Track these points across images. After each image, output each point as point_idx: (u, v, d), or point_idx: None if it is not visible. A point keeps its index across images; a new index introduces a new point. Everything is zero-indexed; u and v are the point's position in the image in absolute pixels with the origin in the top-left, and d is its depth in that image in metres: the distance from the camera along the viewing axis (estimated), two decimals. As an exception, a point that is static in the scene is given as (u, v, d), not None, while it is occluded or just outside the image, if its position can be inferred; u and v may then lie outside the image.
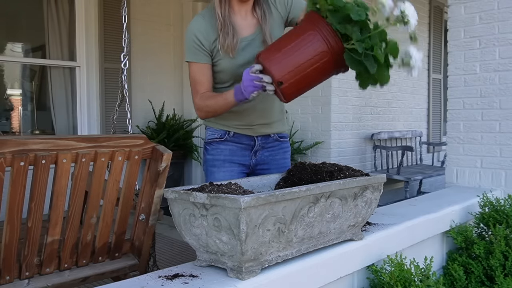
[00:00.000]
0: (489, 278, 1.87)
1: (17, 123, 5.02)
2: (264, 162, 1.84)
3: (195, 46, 1.67)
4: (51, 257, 1.52)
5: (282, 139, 1.88)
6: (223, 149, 1.79)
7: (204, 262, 1.26)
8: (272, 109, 1.82)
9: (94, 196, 1.54)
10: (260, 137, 1.81)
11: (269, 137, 1.83)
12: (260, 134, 1.81)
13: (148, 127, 4.91)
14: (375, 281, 1.54)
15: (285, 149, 1.89)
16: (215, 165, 1.80)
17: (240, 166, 1.81)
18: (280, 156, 1.87)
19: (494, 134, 2.67)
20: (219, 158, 1.79)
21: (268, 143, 1.84)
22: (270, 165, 1.85)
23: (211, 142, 1.81)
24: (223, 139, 1.79)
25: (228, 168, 1.79)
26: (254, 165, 1.83)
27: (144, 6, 4.90)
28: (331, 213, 1.33)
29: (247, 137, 1.80)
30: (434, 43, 6.33)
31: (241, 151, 1.80)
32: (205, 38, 1.67)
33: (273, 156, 1.85)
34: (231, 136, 1.79)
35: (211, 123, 1.82)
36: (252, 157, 1.82)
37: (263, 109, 1.78)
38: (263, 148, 1.83)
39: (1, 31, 4.74)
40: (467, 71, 2.79)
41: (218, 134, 1.80)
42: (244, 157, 1.81)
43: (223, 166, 1.79)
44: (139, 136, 1.64)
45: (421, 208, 2.07)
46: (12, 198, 1.33)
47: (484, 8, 2.71)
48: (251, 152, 1.81)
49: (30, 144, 1.34)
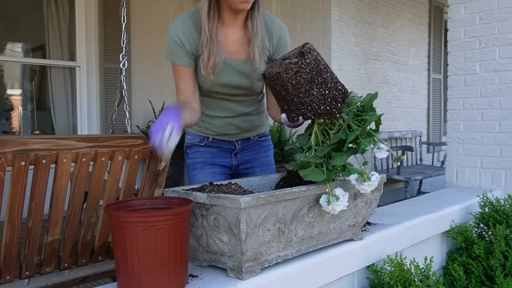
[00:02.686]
0: (489, 278, 1.87)
1: (17, 123, 5.02)
2: (246, 162, 1.82)
3: (176, 47, 1.56)
4: (51, 256, 1.52)
5: (262, 138, 1.85)
6: (203, 151, 1.77)
7: (204, 262, 1.26)
8: (250, 121, 1.77)
9: (93, 196, 1.54)
10: (240, 141, 1.79)
11: (249, 140, 1.81)
12: (239, 138, 1.79)
13: (148, 127, 4.91)
14: (375, 281, 1.54)
15: (266, 147, 1.86)
16: (196, 168, 1.77)
17: (222, 168, 1.79)
18: (261, 155, 1.85)
19: (494, 134, 2.67)
20: (199, 161, 1.77)
21: (249, 144, 1.81)
22: (253, 164, 1.82)
23: (191, 146, 1.79)
24: (203, 144, 1.77)
25: (210, 169, 1.76)
26: (236, 166, 1.81)
27: (144, 6, 4.89)
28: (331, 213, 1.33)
29: (226, 142, 1.78)
30: (434, 43, 6.33)
31: (221, 153, 1.78)
32: (189, 41, 1.56)
33: (254, 155, 1.83)
34: (210, 141, 1.77)
35: (190, 128, 1.77)
36: (233, 158, 1.80)
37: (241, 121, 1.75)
38: (243, 150, 1.81)
39: (1, 31, 4.74)
40: (467, 71, 2.79)
41: (197, 139, 1.78)
42: (224, 158, 1.79)
43: (204, 168, 1.76)
44: (138, 136, 1.64)
45: (421, 208, 2.07)
46: (12, 198, 1.33)
47: (484, 8, 2.71)
48: (231, 154, 1.79)
49: (30, 144, 1.34)
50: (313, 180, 1.26)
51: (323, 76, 1.26)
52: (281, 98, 1.32)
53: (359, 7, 4.97)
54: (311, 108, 1.27)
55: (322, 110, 1.26)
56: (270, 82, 1.31)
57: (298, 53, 1.25)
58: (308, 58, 1.24)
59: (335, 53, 4.63)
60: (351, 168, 1.29)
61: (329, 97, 1.26)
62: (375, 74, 5.28)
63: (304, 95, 1.26)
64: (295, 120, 1.30)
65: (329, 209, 1.25)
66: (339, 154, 1.26)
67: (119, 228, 1.05)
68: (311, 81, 1.25)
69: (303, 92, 1.25)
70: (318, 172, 1.26)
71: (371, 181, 1.28)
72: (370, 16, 5.16)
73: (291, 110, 1.31)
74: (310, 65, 1.25)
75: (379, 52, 5.34)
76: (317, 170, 1.27)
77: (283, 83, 1.26)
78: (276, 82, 1.28)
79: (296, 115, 1.29)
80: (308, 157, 1.28)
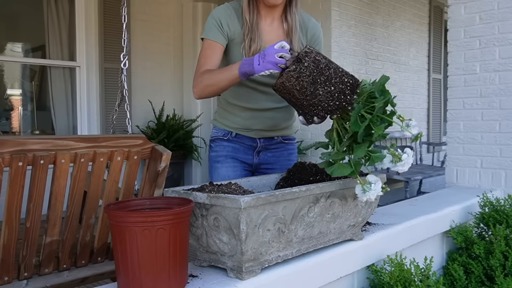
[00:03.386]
0: (489, 278, 1.87)
1: (17, 123, 5.02)
2: (267, 162, 1.84)
3: (215, 25, 1.65)
4: (50, 257, 1.51)
5: (287, 141, 1.87)
6: (226, 145, 1.81)
7: (204, 262, 1.26)
8: (275, 119, 1.80)
9: (93, 197, 1.54)
10: (262, 139, 1.81)
11: (272, 139, 1.83)
12: (262, 136, 1.81)
13: (148, 127, 4.91)
14: (375, 281, 1.53)
15: (290, 150, 1.88)
16: (218, 161, 1.81)
17: (243, 164, 1.82)
18: (284, 158, 1.86)
19: (494, 134, 2.66)
20: (222, 154, 1.80)
21: (272, 144, 1.83)
22: (274, 166, 1.84)
23: (215, 140, 1.83)
24: (226, 139, 1.81)
25: (231, 163, 1.79)
26: (257, 164, 1.84)
27: (144, 6, 4.89)
28: (331, 213, 1.33)
29: (249, 139, 1.80)
30: (434, 43, 6.33)
31: (244, 150, 1.81)
32: (228, 25, 1.65)
33: (277, 157, 1.85)
34: (234, 136, 1.80)
35: (216, 122, 1.85)
36: (255, 156, 1.82)
37: (266, 117, 1.78)
38: (266, 149, 1.83)
39: (1, 31, 4.74)
40: (467, 71, 2.78)
41: (221, 133, 1.82)
42: (247, 155, 1.81)
43: (225, 161, 1.79)
44: (138, 136, 1.64)
45: (421, 208, 2.07)
46: (10, 198, 1.32)
47: (484, 8, 2.70)
48: (253, 152, 1.81)
49: (28, 144, 1.33)
50: (341, 175, 1.26)
51: (325, 74, 1.27)
52: (293, 104, 1.35)
53: (359, 7, 4.97)
54: (322, 108, 1.29)
55: (332, 106, 1.28)
56: (280, 93, 1.35)
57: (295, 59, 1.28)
58: (306, 61, 1.26)
59: (335, 53, 4.63)
60: (374, 156, 1.27)
61: (336, 92, 1.27)
62: (375, 74, 5.27)
63: (311, 97, 1.27)
64: (311, 121, 1.33)
65: (366, 197, 1.26)
66: (358, 146, 1.26)
67: (119, 228, 1.05)
68: (314, 82, 1.26)
69: (310, 95, 1.27)
70: (344, 167, 1.26)
71: (403, 160, 1.27)
72: (370, 16, 5.15)
73: (305, 113, 1.34)
74: (309, 68, 1.26)
75: (379, 52, 5.34)
76: (343, 165, 1.27)
77: (289, 91, 1.29)
78: (283, 91, 1.32)
79: (310, 116, 1.32)
80: (331, 155, 1.28)
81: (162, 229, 1.03)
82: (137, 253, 1.03)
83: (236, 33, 1.67)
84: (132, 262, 1.04)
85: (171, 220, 1.05)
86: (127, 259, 1.04)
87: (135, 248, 1.03)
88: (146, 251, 1.03)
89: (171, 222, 1.05)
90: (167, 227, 1.04)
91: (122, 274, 1.07)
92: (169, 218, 1.05)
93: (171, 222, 1.05)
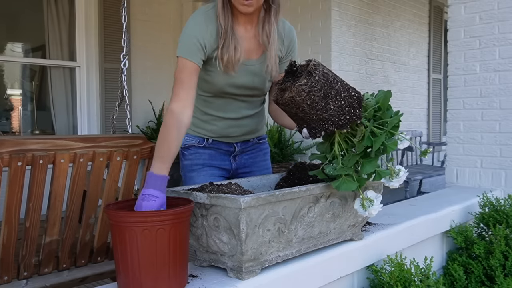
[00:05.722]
0: (489, 278, 1.86)
1: (17, 123, 5.01)
2: (245, 166, 1.81)
3: (197, 45, 1.49)
4: (49, 257, 1.51)
5: (260, 141, 1.84)
6: (202, 153, 1.73)
7: (204, 262, 1.26)
8: (252, 124, 1.76)
9: (92, 196, 1.54)
10: (239, 143, 1.76)
11: (248, 142, 1.79)
12: (239, 141, 1.76)
13: (148, 127, 4.91)
14: (375, 281, 1.53)
15: (264, 150, 1.86)
16: (194, 170, 1.72)
17: (221, 170, 1.76)
18: (260, 159, 1.84)
19: (494, 134, 2.66)
20: (198, 163, 1.72)
21: (248, 147, 1.80)
22: (252, 168, 1.81)
23: (189, 147, 1.73)
24: (202, 146, 1.73)
25: (208, 171, 1.72)
26: (234, 169, 1.79)
27: (144, 6, 4.89)
28: (331, 213, 1.33)
29: (226, 144, 1.75)
30: (434, 43, 6.33)
31: (221, 156, 1.75)
32: (209, 43, 1.51)
33: (253, 159, 1.82)
34: (210, 143, 1.73)
35: (190, 130, 1.72)
36: (232, 161, 1.77)
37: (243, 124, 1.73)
38: (242, 153, 1.79)
39: (1, 31, 4.74)
40: (467, 71, 2.78)
41: (195, 140, 1.73)
42: (224, 161, 1.76)
43: (202, 170, 1.72)
44: (137, 136, 1.64)
45: (421, 208, 2.07)
46: (9, 198, 1.32)
47: (484, 8, 2.70)
48: (230, 157, 1.77)
49: (28, 144, 1.33)
50: (347, 190, 1.27)
51: (335, 88, 1.24)
52: (299, 118, 1.31)
53: (359, 7, 4.97)
54: (332, 122, 1.26)
55: (342, 121, 1.26)
56: (285, 107, 1.30)
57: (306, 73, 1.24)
58: (316, 75, 1.23)
59: (335, 53, 4.63)
60: (381, 171, 1.30)
61: (346, 106, 1.25)
62: (375, 74, 5.27)
63: (322, 111, 1.25)
64: (318, 135, 1.30)
65: (366, 214, 1.28)
66: (368, 161, 1.27)
67: (119, 228, 1.05)
68: (325, 96, 1.23)
69: (320, 109, 1.24)
70: (350, 181, 1.26)
71: (400, 176, 1.30)
72: (370, 16, 5.15)
73: (311, 128, 1.30)
74: (320, 81, 1.23)
75: (379, 52, 5.34)
76: (348, 179, 1.27)
77: (299, 106, 1.25)
78: (291, 106, 1.27)
79: (318, 131, 1.29)
80: (337, 169, 1.28)
81: (162, 229, 1.03)
82: (137, 253, 1.03)
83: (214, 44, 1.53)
84: (132, 262, 1.04)
85: (171, 220, 1.05)
86: (127, 259, 1.04)
87: (135, 248, 1.03)
88: (146, 251, 1.03)
89: (171, 222, 1.05)
90: (167, 227, 1.04)
91: (122, 274, 1.07)
92: (169, 218, 1.05)
93: (171, 222, 1.05)
